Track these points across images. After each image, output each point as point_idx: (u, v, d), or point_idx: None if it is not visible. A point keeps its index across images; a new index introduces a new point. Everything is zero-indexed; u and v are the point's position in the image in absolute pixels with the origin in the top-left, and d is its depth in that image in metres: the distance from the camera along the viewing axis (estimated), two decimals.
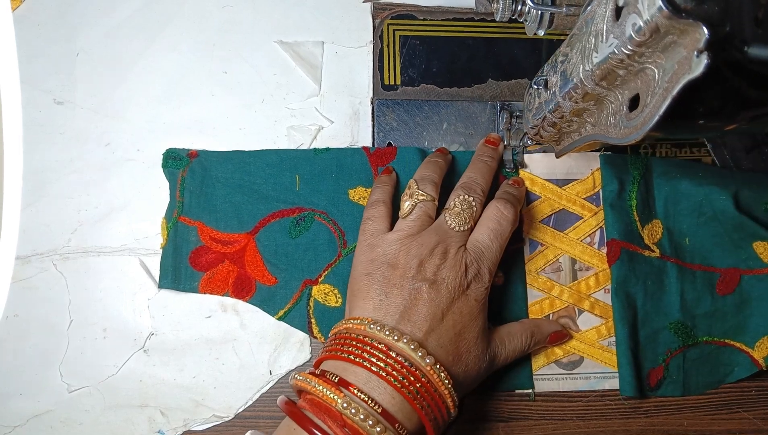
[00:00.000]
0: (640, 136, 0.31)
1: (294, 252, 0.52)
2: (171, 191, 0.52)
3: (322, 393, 0.40)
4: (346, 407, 0.38)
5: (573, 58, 0.36)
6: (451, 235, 0.46)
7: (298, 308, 0.51)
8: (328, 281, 0.51)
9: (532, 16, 0.42)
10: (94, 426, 0.50)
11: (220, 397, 0.51)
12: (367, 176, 0.53)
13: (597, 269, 0.53)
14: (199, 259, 0.51)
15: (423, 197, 0.48)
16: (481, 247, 0.46)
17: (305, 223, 0.52)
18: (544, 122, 0.42)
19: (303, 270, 0.51)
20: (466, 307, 0.44)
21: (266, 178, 0.52)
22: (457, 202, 0.47)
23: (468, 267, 0.45)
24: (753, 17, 0.27)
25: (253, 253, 0.51)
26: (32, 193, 0.52)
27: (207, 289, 0.51)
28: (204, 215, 0.52)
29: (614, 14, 0.31)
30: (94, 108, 0.53)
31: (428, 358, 0.41)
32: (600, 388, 0.52)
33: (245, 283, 0.51)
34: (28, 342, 0.50)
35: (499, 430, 0.51)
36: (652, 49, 0.29)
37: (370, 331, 0.42)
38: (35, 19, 0.54)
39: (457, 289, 0.44)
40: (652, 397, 0.52)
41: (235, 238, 0.51)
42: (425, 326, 0.43)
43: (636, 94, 0.32)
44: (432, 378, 0.41)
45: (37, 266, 0.51)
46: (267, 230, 0.52)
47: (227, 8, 0.55)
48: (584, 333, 0.52)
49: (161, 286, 0.51)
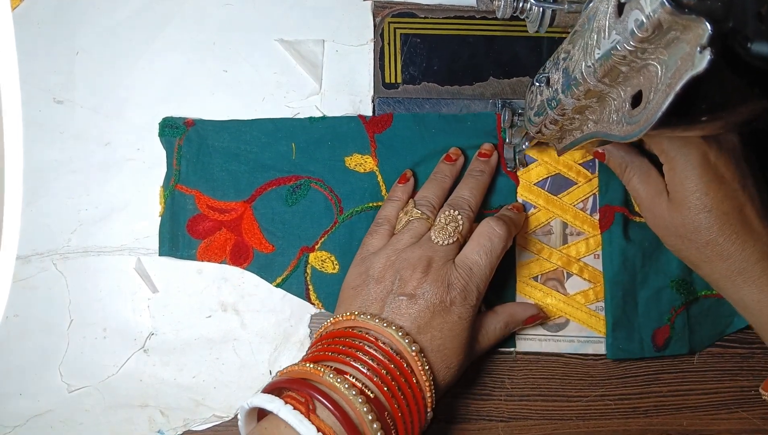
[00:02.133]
0: (643, 132, 0.31)
1: (291, 219, 0.52)
2: (168, 159, 0.52)
3: (307, 369, 0.40)
4: (347, 388, 0.39)
5: (575, 55, 0.36)
6: (435, 249, 0.46)
7: (296, 275, 0.52)
8: (325, 248, 0.52)
9: (534, 13, 0.42)
10: (94, 426, 0.50)
11: (220, 397, 0.51)
12: (363, 143, 0.53)
13: (588, 235, 0.53)
14: (196, 226, 0.51)
15: (417, 215, 0.48)
16: (469, 264, 0.46)
17: (301, 191, 0.52)
18: (546, 120, 0.42)
19: (300, 237, 0.52)
20: (447, 324, 0.44)
21: (262, 146, 0.53)
22: (442, 217, 0.47)
23: (452, 283, 0.44)
24: (756, 13, 0.27)
25: (250, 221, 0.52)
26: (32, 192, 0.52)
27: (205, 256, 0.51)
28: (201, 183, 0.52)
29: (616, 10, 0.30)
30: (94, 107, 0.53)
31: (414, 346, 0.42)
32: (582, 352, 0.52)
33: (243, 251, 0.51)
34: (28, 342, 0.50)
35: (500, 430, 0.51)
36: (655, 46, 0.29)
37: (361, 319, 0.43)
38: (35, 18, 0.54)
39: (438, 305, 0.44)
40: (652, 401, 0.52)
41: (232, 207, 0.52)
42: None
43: (638, 90, 0.32)
44: (415, 368, 0.41)
45: (37, 266, 0.51)
46: (264, 198, 0.52)
47: (227, 7, 0.55)
48: (572, 296, 0.52)
49: (161, 254, 0.51)
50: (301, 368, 0.40)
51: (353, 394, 0.38)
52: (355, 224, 0.52)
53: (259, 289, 0.52)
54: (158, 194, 0.52)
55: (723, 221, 0.44)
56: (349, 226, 0.52)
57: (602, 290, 0.52)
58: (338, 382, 0.38)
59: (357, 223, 0.52)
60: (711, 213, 0.44)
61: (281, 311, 0.52)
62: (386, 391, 0.40)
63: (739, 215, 0.44)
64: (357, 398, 0.38)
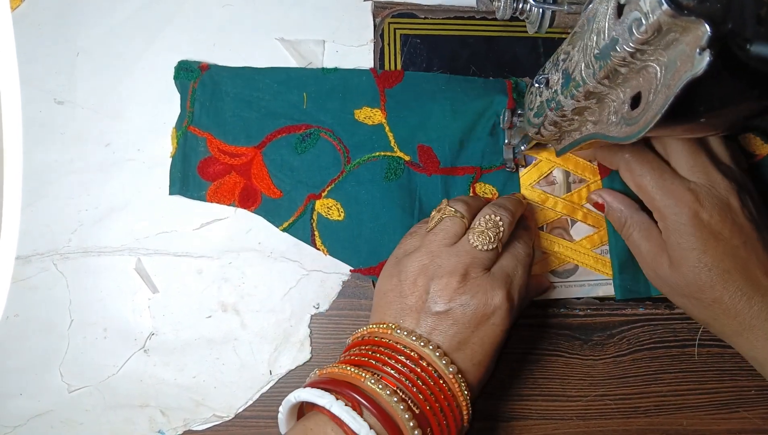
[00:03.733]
0: (642, 134, 0.31)
1: (299, 167, 0.53)
2: (182, 102, 0.53)
3: (352, 373, 0.39)
4: (391, 396, 0.38)
5: (574, 56, 0.36)
6: (474, 255, 0.43)
7: (302, 221, 0.52)
8: (332, 196, 0.52)
9: (534, 14, 0.42)
10: (95, 426, 0.50)
11: (220, 397, 0.51)
12: (374, 97, 0.54)
13: (589, 181, 0.54)
14: (207, 169, 0.52)
15: (451, 212, 0.46)
16: (508, 272, 0.44)
17: (311, 140, 0.53)
18: (546, 121, 0.42)
19: (307, 184, 0.52)
20: (488, 338, 0.42)
21: (274, 94, 0.53)
22: (482, 220, 0.45)
23: (492, 295, 0.42)
24: (755, 15, 0.27)
25: (259, 167, 0.52)
26: (33, 192, 0.52)
27: (214, 198, 0.52)
28: (213, 127, 0.53)
29: (616, 12, 0.31)
30: (95, 108, 0.53)
31: (451, 367, 0.40)
32: (594, 295, 0.53)
33: (251, 195, 0.52)
34: (28, 342, 0.50)
35: (499, 430, 0.51)
36: (654, 47, 0.29)
37: (397, 335, 0.41)
38: (35, 19, 0.54)
39: (479, 319, 0.42)
40: (651, 399, 0.52)
41: (242, 151, 0.53)
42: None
43: (638, 92, 0.32)
44: (453, 388, 0.40)
45: (37, 266, 0.51)
46: (274, 145, 0.53)
47: (227, 7, 0.55)
48: (578, 242, 0.53)
49: (171, 193, 0.52)
50: (342, 371, 0.39)
51: (395, 401, 0.37)
52: (362, 174, 0.53)
53: (259, 290, 0.52)
54: (170, 135, 0.53)
55: (725, 279, 0.43)
56: (356, 175, 0.53)
57: (606, 234, 0.53)
58: (380, 389, 0.38)
59: (364, 173, 0.53)
60: (712, 271, 0.43)
61: (281, 311, 0.52)
62: (428, 408, 0.39)
63: (743, 272, 0.43)
64: (399, 405, 0.37)
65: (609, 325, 0.53)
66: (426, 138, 0.53)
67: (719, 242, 0.43)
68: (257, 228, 0.53)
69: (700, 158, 0.45)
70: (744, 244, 0.43)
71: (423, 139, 0.53)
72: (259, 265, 0.52)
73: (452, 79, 0.54)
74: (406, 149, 0.53)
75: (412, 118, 0.53)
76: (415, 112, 0.54)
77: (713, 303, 0.44)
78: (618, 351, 0.53)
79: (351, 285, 0.52)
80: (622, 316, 0.53)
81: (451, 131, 0.53)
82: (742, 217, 0.43)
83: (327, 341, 0.52)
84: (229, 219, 0.53)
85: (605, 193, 0.50)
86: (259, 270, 0.52)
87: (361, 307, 0.52)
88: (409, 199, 0.52)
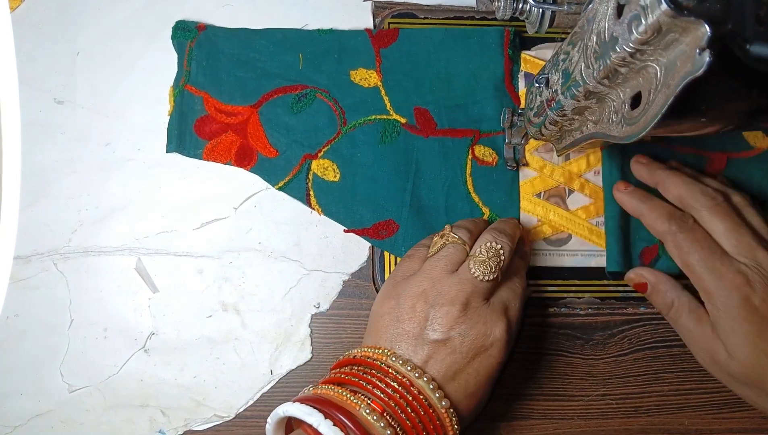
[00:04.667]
0: (642, 134, 0.31)
1: (295, 127, 0.53)
2: (179, 61, 0.54)
3: (345, 398, 0.38)
4: (370, 416, 0.38)
5: (574, 56, 0.36)
6: (474, 284, 0.42)
7: (298, 180, 0.52)
8: (328, 157, 0.53)
9: (533, 14, 0.42)
10: (95, 426, 0.50)
11: (221, 397, 0.51)
12: (369, 58, 0.54)
13: (588, 151, 0.54)
14: (203, 127, 0.53)
15: (454, 239, 0.45)
16: (506, 303, 0.43)
17: (307, 100, 0.53)
18: (546, 120, 0.42)
19: (303, 145, 0.53)
20: (483, 370, 0.42)
21: (270, 55, 0.54)
22: (484, 248, 0.44)
23: (492, 327, 0.42)
24: (755, 15, 0.27)
25: (255, 126, 0.53)
26: (33, 192, 0.52)
27: (211, 156, 0.52)
28: (209, 87, 0.53)
29: (616, 12, 0.30)
30: (95, 108, 0.53)
31: (444, 401, 0.40)
32: (585, 265, 0.53)
33: (247, 154, 0.52)
34: (28, 342, 0.51)
35: (501, 430, 0.51)
36: (654, 47, 0.29)
37: (392, 362, 0.41)
38: (35, 18, 0.54)
39: (477, 350, 0.41)
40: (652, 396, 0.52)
41: (238, 111, 0.53)
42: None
43: (638, 92, 0.32)
44: (444, 422, 0.40)
45: (37, 266, 0.51)
46: (270, 105, 0.53)
47: (227, 7, 0.55)
48: (573, 212, 0.53)
49: (168, 151, 0.53)
50: (337, 394, 0.39)
51: (388, 434, 0.37)
52: (358, 136, 0.53)
53: (260, 289, 0.52)
54: (167, 94, 0.53)
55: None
56: (352, 137, 0.53)
57: (602, 205, 0.53)
58: (374, 420, 0.37)
59: (359, 135, 0.53)
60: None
61: (282, 311, 0.52)
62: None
63: None
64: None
65: (610, 324, 0.53)
66: (422, 101, 0.54)
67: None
68: (257, 228, 0.53)
69: (744, 238, 0.44)
70: None
71: (419, 101, 0.54)
72: (260, 265, 0.52)
73: (448, 34, 0.54)
74: (402, 112, 0.53)
75: (408, 82, 0.54)
76: (411, 75, 0.54)
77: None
78: (619, 350, 0.53)
79: (351, 284, 0.52)
80: (624, 315, 0.53)
81: (447, 94, 0.54)
82: None
83: (327, 341, 0.52)
84: (229, 218, 0.53)
85: (647, 273, 0.48)
86: (259, 269, 0.52)
87: (362, 307, 0.52)
88: (405, 162, 0.53)
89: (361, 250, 0.53)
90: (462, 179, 0.53)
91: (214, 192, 0.53)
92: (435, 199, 0.52)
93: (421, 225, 0.52)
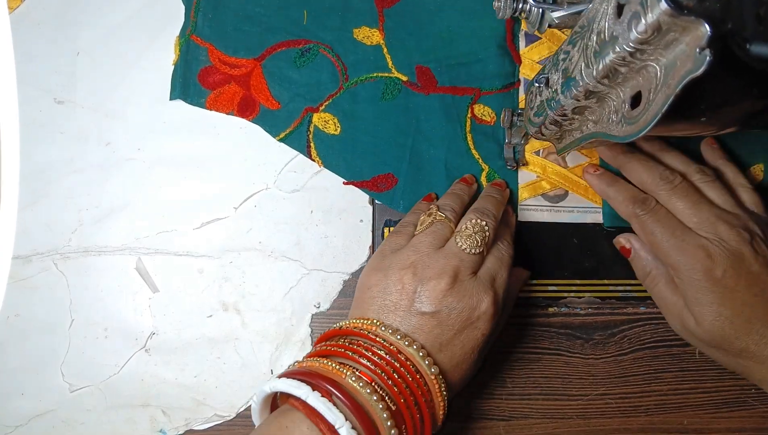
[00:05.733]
0: (643, 133, 0.31)
1: (298, 80, 0.54)
2: (186, 11, 0.54)
3: (331, 368, 0.39)
4: (362, 387, 0.38)
5: (574, 56, 0.36)
6: (462, 257, 0.43)
7: (299, 132, 0.53)
8: (329, 110, 0.53)
9: (534, 14, 0.42)
10: (96, 426, 0.50)
11: (221, 397, 0.51)
12: (372, 17, 0.55)
13: None
14: (207, 77, 0.53)
15: (441, 217, 0.46)
16: (493, 275, 0.44)
17: (310, 55, 0.54)
18: (546, 120, 0.42)
19: (305, 98, 0.53)
20: (470, 342, 0.42)
21: (276, 10, 0.54)
22: (469, 225, 0.45)
23: (479, 300, 0.42)
24: (755, 14, 0.27)
25: (258, 78, 0.53)
26: (33, 192, 0.52)
27: (213, 106, 0.53)
28: (214, 39, 0.54)
29: (616, 12, 0.30)
30: (95, 107, 0.53)
31: (434, 368, 0.40)
32: (582, 221, 0.53)
33: (249, 105, 0.53)
34: (29, 342, 0.50)
35: (501, 429, 0.52)
36: (654, 47, 0.29)
37: (381, 332, 0.41)
38: (35, 18, 0.54)
39: (464, 322, 0.42)
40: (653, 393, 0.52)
41: (242, 63, 0.54)
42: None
43: (638, 91, 0.32)
44: (433, 389, 0.40)
45: (38, 266, 0.51)
46: (273, 58, 0.54)
47: None
48: (571, 169, 0.54)
49: (171, 98, 0.53)
50: (322, 365, 0.39)
51: (374, 399, 0.37)
52: (359, 92, 0.54)
53: (260, 289, 0.52)
54: (173, 43, 0.54)
55: (748, 329, 0.43)
56: (353, 93, 0.54)
57: (599, 162, 0.53)
58: (360, 386, 0.38)
59: (361, 91, 0.54)
60: (734, 323, 0.43)
61: (282, 310, 0.52)
62: (403, 402, 0.39)
63: (765, 318, 0.43)
64: (378, 404, 0.37)
65: (610, 323, 0.53)
66: (424, 59, 0.54)
67: (736, 294, 0.43)
68: (258, 227, 0.53)
69: (704, 214, 0.45)
70: (762, 292, 0.43)
71: (421, 60, 0.54)
72: (260, 265, 0.52)
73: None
74: (404, 70, 0.54)
75: (410, 41, 0.54)
76: (413, 34, 0.54)
77: (741, 353, 0.44)
78: (619, 350, 0.53)
79: (352, 284, 0.52)
80: (623, 315, 0.53)
81: (449, 52, 0.54)
82: (756, 265, 0.44)
83: None
84: (229, 218, 0.53)
85: (634, 240, 0.50)
86: (259, 269, 0.52)
87: None
88: (405, 119, 0.54)
89: (361, 250, 0.53)
90: (462, 136, 0.54)
91: (214, 192, 0.53)
92: (435, 155, 0.53)
93: (420, 179, 0.53)
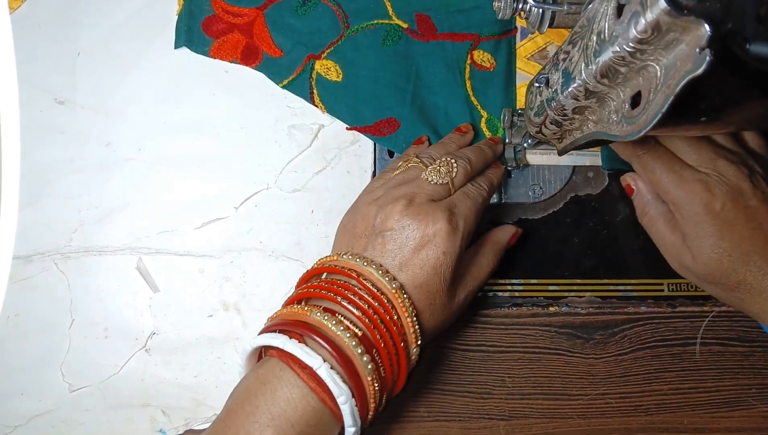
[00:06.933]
0: (643, 133, 0.31)
1: (300, 28, 0.54)
2: None
3: (297, 310, 0.40)
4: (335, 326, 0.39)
5: (574, 55, 0.36)
6: (422, 186, 0.45)
7: (302, 79, 0.54)
8: (331, 58, 0.54)
9: (534, 14, 0.42)
10: (96, 425, 0.50)
11: (221, 396, 0.50)
12: None
13: None
14: (211, 26, 0.54)
15: (416, 162, 0.47)
16: (454, 201, 0.45)
17: (311, 4, 0.55)
18: (546, 120, 0.42)
19: (307, 45, 0.54)
20: (430, 260, 0.42)
21: None
22: (440, 161, 0.46)
23: (434, 217, 0.43)
24: (755, 14, 0.27)
25: (261, 27, 0.54)
26: (33, 192, 0.52)
27: (218, 54, 0.54)
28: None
29: (616, 12, 0.30)
30: (95, 107, 0.53)
31: (394, 283, 0.41)
32: (580, 164, 0.54)
33: (253, 52, 0.54)
34: (29, 341, 0.51)
35: (501, 429, 0.52)
36: (654, 47, 0.29)
37: (344, 259, 0.43)
38: (36, 18, 0.54)
39: (420, 240, 0.42)
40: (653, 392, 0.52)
41: (245, 12, 0.54)
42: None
43: (638, 91, 0.32)
44: (396, 304, 0.41)
45: (38, 266, 0.51)
46: (275, 7, 0.54)
47: None
48: None
49: (176, 46, 0.54)
50: (290, 310, 0.41)
51: (341, 329, 0.39)
52: (360, 40, 0.54)
53: (261, 289, 0.52)
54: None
55: (746, 261, 0.44)
56: (354, 40, 0.54)
57: None
58: (326, 320, 0.39)
59: (362, 39, 0.54)
60: (732, 256, 0.44)
61: None
62: (372, 328, 0.40)
63: (762, 251, 0.44)
64: (345, 333, 0.39)
65: (610, 323, 0.53)
66: (423, 7, 0.55)
67: (734, 228, 0.44)
68: (258, 227, 0.53)
69: (703, 150, 0.46)
70: (760, 226, 0.44)
71: (421, 7, 0.55)
72: (261, 264, 0.52)
73: None
74: (404, 17, 0.55)
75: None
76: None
77: (738, 285, 0.45)
78: (619, 349, 0.53)
79: None
80: (624, 314, 0.53)
81: (448, 0, 0.55)
82: (755, 199, 0.44)
83: None
84: (230, 218, 0.53)
85: (639, 180, 0.50)
86: (260, 269, 0.52)
87: None
88: (405, 65, 0.54)
89: None
90: (461, 82, 0.54)
91: (215, 192, 0.53)
92: (435, 101, 0.54)
93: (422, 123, 0.53)
